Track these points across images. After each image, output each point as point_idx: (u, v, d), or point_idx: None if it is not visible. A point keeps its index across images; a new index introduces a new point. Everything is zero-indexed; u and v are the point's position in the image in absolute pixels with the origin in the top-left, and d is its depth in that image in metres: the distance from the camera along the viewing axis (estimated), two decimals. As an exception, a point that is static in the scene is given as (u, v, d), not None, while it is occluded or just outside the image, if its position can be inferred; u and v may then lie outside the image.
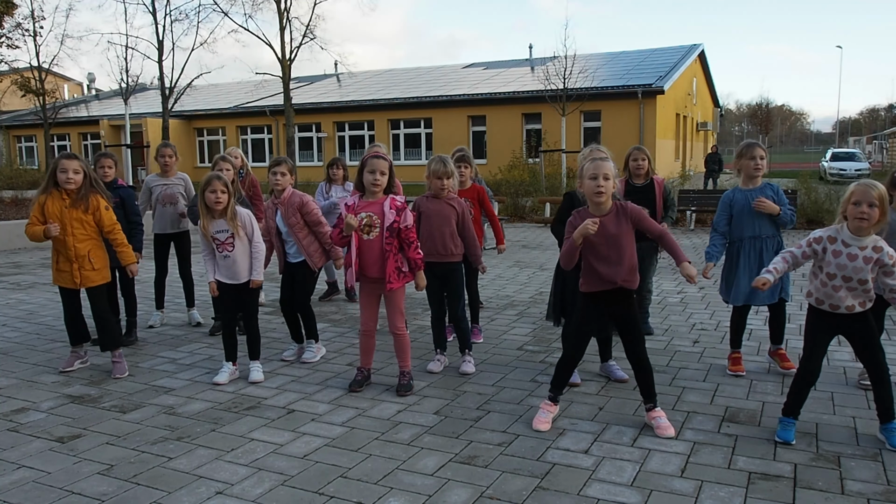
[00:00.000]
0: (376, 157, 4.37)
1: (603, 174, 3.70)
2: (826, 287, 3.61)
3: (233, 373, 4.80)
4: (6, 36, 23.30)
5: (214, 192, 4.58)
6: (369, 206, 4.37)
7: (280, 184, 5.06)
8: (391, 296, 4.47)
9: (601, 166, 3.72)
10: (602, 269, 3.80)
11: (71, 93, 43.19)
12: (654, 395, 3.89)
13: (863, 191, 3.47)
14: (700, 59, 33.70)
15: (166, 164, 6.24)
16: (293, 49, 20.38)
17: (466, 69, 33.62)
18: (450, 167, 4.79)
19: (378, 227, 4.34)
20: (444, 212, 4.83)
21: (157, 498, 3.14)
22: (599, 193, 3.72)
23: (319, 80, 36.06)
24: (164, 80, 21.20)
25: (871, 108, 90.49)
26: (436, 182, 4.80)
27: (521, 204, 16.42)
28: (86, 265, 4.82)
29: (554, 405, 3.98)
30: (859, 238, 3.53)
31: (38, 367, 5.12)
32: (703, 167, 24.08)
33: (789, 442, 3.62)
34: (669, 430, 3.74)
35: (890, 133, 46.36)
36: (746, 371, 4.81)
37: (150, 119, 29.47)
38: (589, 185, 3.74)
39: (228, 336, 4.81)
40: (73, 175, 4.70)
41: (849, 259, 3.54)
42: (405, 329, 4.57)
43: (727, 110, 70.83)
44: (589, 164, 3.77)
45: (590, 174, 3.74)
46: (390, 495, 3.14)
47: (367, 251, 4.38)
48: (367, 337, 4.59)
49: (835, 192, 14.36)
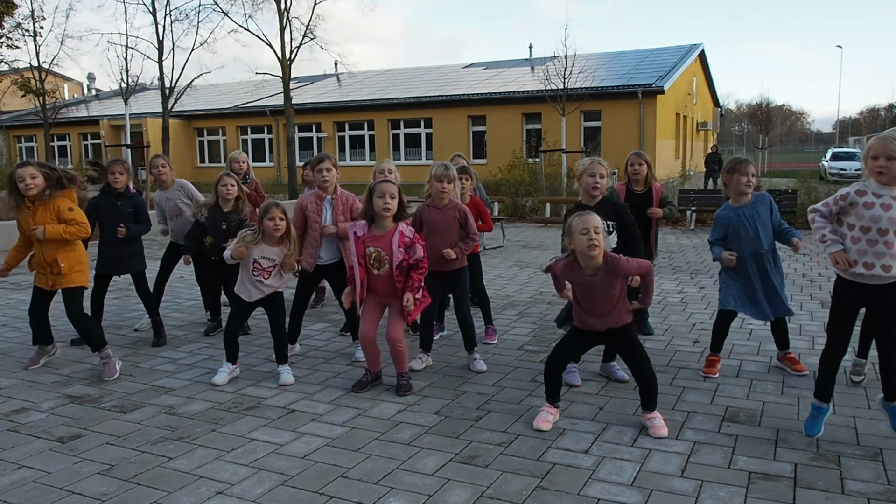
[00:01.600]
0: (385, 182, 4.32)
1: (594, 227, 3.68)
2: (859, 243, 3.45)
3: (232, 372, 4.79)
4: (6, 36, 23.30)
5: (273, 220, 4.57)
6: (378, 240, 4.30)
7: (328, 179, 5.05)
8: (400, 310, 4.39)
9: (590, 220, 3.71)
10: (592, 320, 3.89)
11: (71, 93, 43.21)
12: (654, 405, 3.88)
13: (881, 144, 3.38)
14: (700, 59, 33.70)
15: (160, 174, 6.18)
16: (293, 49, 20.35)
17: (466, 69, 33.61)
18: (452, 172, 4.79)
19: (388, 264, 4.29)
20: (446, 221, 4.83)
21: (158, 498, 3.14)
22: (592, 247, 3.70)
23: (319, 80, 36.05)
24: (164, 80, 21.18)
25: (871, 108, 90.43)
26: (436, 185, 4.78)
27: (521, 204, 16.42)
28: (54, 269, 4.78)
29: (555, 408, 3.98)
30: (889, 187, 3.40)
31: (39, 367, 5.12)
32: (703, 167, 24.07)
33: (815, 436, 3.62)
34: (663, 430, 3.74)
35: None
36: (747, 371, 4.81)
37: (150, 119, 29.45)
38: (580, 240, 3.71)
39: (232, 338, 4.77)
40: (30, 181, 4.61)
41: (883, 209, 3.40)
42: (404, 342, 4.46)
43: (727, 110, 70.80)
44: (578, 220, 3.74)
45: (580, 229, 3.71)
46: (390, 495, 3.14)
47: (378, 282, 4.37)
48: (369, 346, 4.49)
49: (835, 192, 14.35)
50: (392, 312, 4.44)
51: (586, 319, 3.92)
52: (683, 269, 9.18)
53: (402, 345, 4.44)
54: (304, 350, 5.51)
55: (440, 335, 5.78)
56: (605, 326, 3.88)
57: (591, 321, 3.89)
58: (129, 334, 6.04)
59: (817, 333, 5.77)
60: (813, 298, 7.20)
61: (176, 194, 6.19)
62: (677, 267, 9.32)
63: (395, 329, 4.40)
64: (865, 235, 3.44)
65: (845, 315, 3.63)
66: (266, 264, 4.65)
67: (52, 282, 4.82)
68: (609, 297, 3.83)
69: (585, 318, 3.92)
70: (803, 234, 4.73)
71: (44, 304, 4.99)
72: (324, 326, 6.24)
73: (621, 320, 3.88)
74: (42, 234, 4.63)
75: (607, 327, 3.88)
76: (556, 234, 13.00)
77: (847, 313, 3.63)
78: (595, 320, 3.88)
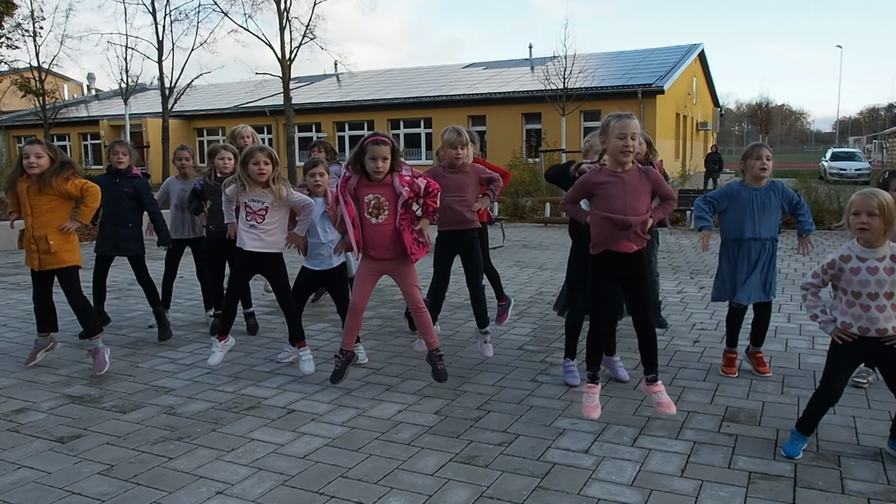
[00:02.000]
0: (376, 144, 4.11)
1: (631, 133, 3.66)
2: (853, 307, 3.40)
3: (224, 346, 4.77)
4: (6, 36, 23.26)
5: (258, 164, 4.48)
6: (375, 187, 4.19)
7: (320, 184, 4.97)
8: (407, 271, 4.32)
9: (629, 125, 3.67)
10: (618, 212, 3.72)
11: (71, 93, 43.17)
12: (655, 366, 3.86)
13: (861, 200, 3.33)
14: (700, 59, 33.70)
15: (184, 167, 6.22)
16: (293, 49, 20.38)
17: (466, 69, 33.61)
18: (465, 137, 4.72)
19: (387, 210, 4.21)
20: (462, 181, 4.79)
21: (158, 498, 3.14)
22: (626, 153, 3.67)
23: (319, 80, 36.04)
24: (164, 80, 21.20)
25: (871, 108, 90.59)
26: (450, 152, 4.71)
27: (521, 204, 16.41)
28: (42, 245, 4.79)
29: (595, 384, 3.91)
30: (873, 250, 3.35)
31: (39, 367, 5.12)
32: (703, 167, 24.10)
33: (794, 457, 3.48)
34: (671, 408, 3.69)
35: (890, 133, 46.35)
36: (747, 371, 4.81)
37: (150, 119, 29.47)
38: (615, 143, 3.67)
39: (230, 310, 4.75)
40: (34, 159, 4.69)
41: (869, 273, 3.34)
42: (424, 304, 4.39)
43: (727, 110, 70.85)
44: (616, 122, 3.70)
45: (617, 132, 3.68)
46: (390, 495, 3.14)
47: (377, 235, 4.25)
48: (355, 316, 4.41)
49: (835, 191, 14.37)
50: (401, 277, 4.37)
51: (610, 216, 3.72)
52: (683, 268, 9.18)
53: (424, 307, 4.38)
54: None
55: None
56: (628, 223, 3.71)
57: (617, 214, 3.73)
58: (129, 334, 6.04)
59: (817, 333, 5.77)
60: (813, 298, 7.18)
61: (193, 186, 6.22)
62: (677, 267, 9.31)
63: (412, 292, 4.34)
64: (857, 300, 3.39)
65: (841, 367, 3.50)
66: (256, 206, 4.56)
67: (38, 260, 4.83)
68: (636, 195, 3.75)
69: (610, 216, 3.73)
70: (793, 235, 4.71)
71: (43, 289, 5.01)
72: (324, 326, 6.24)
73: (640, 236, 3.77)
74: (75, 225, 4.80)
75: (630, 224, 3.71)
76: (556, 234, 13.01)
77: (843, 366, 3.51)
78: (621, 212, 3.73)
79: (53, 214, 4.81)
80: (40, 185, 4.74)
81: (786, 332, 5.85)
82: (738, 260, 4.60)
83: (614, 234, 3.79)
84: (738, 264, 4.60)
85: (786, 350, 5.32)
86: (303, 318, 5.37)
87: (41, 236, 4.79)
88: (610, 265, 3.86)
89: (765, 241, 4.56)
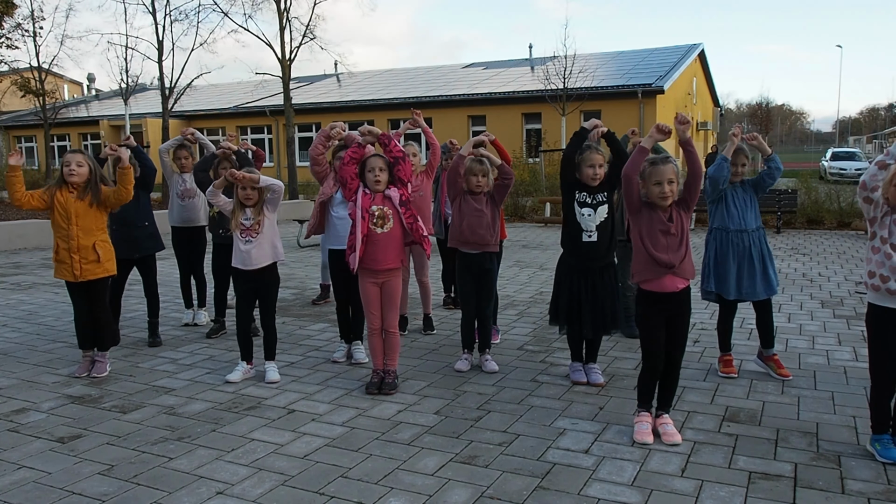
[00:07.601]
0: (372, 156, 4.45)
1: (667, 179, 3.66)
2: (891, 259, 3.28)
3: (246, 371, 4.81)
4: (6, 36, 23.21)
5: (245, 191, 4.63)
6: (377, 199, 4.40)
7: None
8: (397, 283, 4.52)
9: (664, 172, 3.66)
10: (661, 256, 3.69)
11: (71, 93, 43.18)
12: (670, 404, 3.85)
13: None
14: (700, 59, 33.69)
15: (184, 167, 6.29)
16: (293, 49, 20.32)
17: (466, 69, 33.62)
18: (486, 166, 4.84)
19: (391, 219, 4.37)
20: (481, 200, 4.86)
21: (158, 498, 3.14)
22: (665, 198, 3.69)
23: (319, 80, 36.04)
24: (164, 80, 21.14)
25: (871, 108, 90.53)
26: (472, 179, 4.83)
27: (521, 204, 16.43)
28: (89, 256, 4.75)
29: (647, 413, 3.83)
30: None
31: (39, 367, 5.12)
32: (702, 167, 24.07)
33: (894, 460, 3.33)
34: (676, 437, 3.67)
35: (890, 133, 46.39)
36: (747, 371, 4.81)
37: (150, 119, 29.46)
38: (653, 190, 3.70)
39: (244, 335, 4.80)
40: (75, 167, 4.70)
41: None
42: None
43: (727, 110, 70.76)
44: (650, 168, 3.69)
45: (654, 180, 3.68)
46: (391, 495, 3.14)
47: (382, 244, 4.38)
48: (378, 335, 4.55)
49: (835, 191, 14.37)
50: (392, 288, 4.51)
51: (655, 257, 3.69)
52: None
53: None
54: (304, 350, 5.52)
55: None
56: (673, 262, 3.68)
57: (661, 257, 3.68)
58: (130, 334, 6.02)
59: (817, 333, 5.77)
60: (813, 298, 7.20)
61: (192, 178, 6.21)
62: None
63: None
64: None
65: (886, 339, 3.35)
66: (248, 224, 4.69)
67: (79, 271, 4.74)
68: (679, 232, 3.75)
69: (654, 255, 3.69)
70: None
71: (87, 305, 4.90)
72: (324, 326, 6.24)
73: (686, 269, 3.74)
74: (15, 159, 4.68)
75: (674, 264, 3.68)
76: (556, 234, 12.99)
77: (888, 337, 3.35)
78: (664, 255, 3.70)
79: (95, 220, 4.80)
80: (83, 194, 4.73)
81: (786, 332, 5.84)
82: (730, 253, 4.57)
83: (658, 272, 3.73)
84: (729, 257, 4.57)
85: (786, 350, 5.32)
86: (302, 318, 5.38)
87: (88, 245, 4.75)
88: (658, 304, 3.77)
89: (750, 232, 4.58)
